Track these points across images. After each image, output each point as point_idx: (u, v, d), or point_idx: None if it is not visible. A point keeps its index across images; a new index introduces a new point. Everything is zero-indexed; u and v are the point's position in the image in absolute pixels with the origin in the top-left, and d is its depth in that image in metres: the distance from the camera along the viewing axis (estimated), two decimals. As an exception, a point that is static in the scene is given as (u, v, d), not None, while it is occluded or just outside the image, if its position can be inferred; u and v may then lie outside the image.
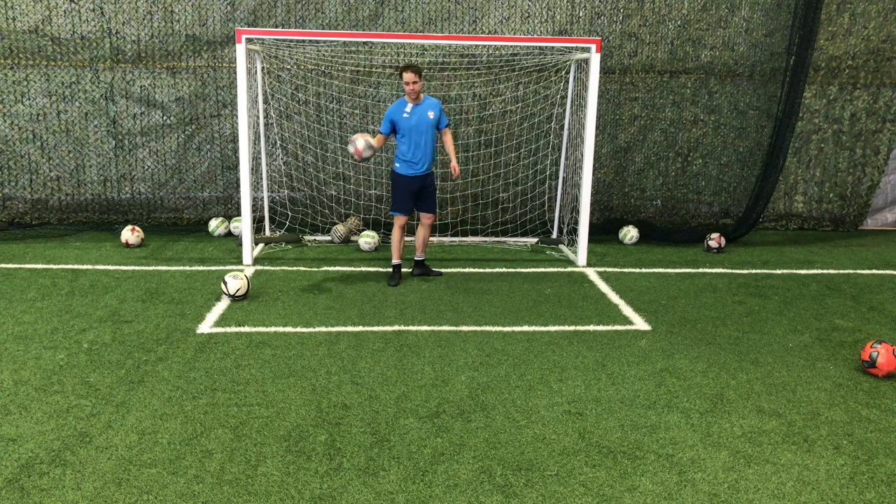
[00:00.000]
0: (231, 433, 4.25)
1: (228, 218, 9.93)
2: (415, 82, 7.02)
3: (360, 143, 6.93)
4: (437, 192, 8.38)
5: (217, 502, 3.58)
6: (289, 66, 9.65)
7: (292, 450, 4.08)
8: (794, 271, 8.42)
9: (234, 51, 8.86)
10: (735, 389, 5.04)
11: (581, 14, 9.79)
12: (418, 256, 7.80)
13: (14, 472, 3.79)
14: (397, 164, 7.37)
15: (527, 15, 9.74)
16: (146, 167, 9.93)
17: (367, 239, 9.02)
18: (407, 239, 8.23)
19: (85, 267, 7.89)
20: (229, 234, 9.72)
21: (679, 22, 9.90)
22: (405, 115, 7.18)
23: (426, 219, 7.62)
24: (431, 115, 7.25)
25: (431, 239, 9.30)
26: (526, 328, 6.21)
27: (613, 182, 10.43)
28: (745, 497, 3.73)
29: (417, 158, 7.29)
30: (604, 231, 10.04)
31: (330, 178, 9.96)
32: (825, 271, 8.44)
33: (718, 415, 4.64)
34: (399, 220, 7.49)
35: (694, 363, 5.50)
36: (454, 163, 7.41)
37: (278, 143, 9.82)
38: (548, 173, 10.04)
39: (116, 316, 6.28)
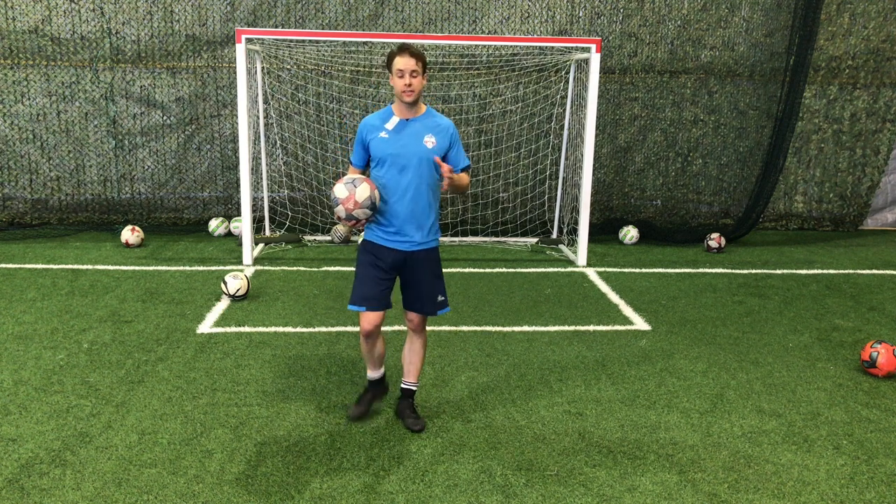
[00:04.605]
0: (231, 433, 4.24)
1: (228, 218, 9.93)
2: (413, 73, 3.91)
3: (363, 190, 3.87)
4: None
5: (217, 502, 3.57)
6: (289, 66, 9.65)
7: (292, 450, 4.08)
8: (794, 271, 8.42)
9: (234, 51, 8.86)
10: (735, 389, 5.04)
11: (581, 14, 9.79)
12: (405, 383, 4.46)
13: (14, 472, 3.79)
14: None
15: (527, 15, 9.74)
16: (146, 167, 9.93)
17: (367, 239, 8.99)
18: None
19: (85, 267, 7.89)
20: (229, 234, 9.72)
21: (679, 22, 9.90)
22: (383, 133, 4.03)
23: (412, 320, 4.29)
24: (431, 142, 4.04)
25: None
26: (526, 328, 6.21)
27: (613, 182, 10.42)
28: (745, 497, 3.73)
29: (394, 216, 4.04)
30: (604, 231, 10.04)
31: (330, 178, 9.96)
32: (825, 271, 8.44)
33: (718, 415, 4.64)
34: (363, 322, 4.11)
35: (694, 363, 5.50)
36: (449, 175, 4.01)
37: (278, 143, 9.82)
38: (548, 173, 10.03)
39: (116, 316, 6.28)
